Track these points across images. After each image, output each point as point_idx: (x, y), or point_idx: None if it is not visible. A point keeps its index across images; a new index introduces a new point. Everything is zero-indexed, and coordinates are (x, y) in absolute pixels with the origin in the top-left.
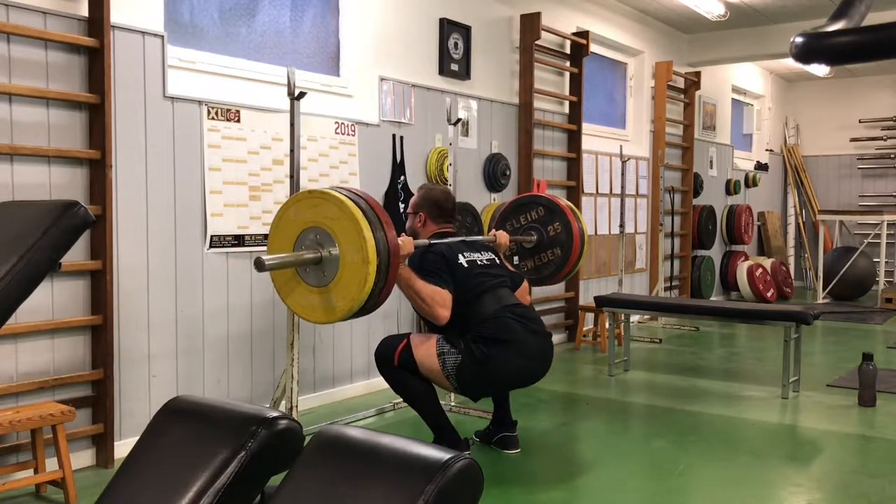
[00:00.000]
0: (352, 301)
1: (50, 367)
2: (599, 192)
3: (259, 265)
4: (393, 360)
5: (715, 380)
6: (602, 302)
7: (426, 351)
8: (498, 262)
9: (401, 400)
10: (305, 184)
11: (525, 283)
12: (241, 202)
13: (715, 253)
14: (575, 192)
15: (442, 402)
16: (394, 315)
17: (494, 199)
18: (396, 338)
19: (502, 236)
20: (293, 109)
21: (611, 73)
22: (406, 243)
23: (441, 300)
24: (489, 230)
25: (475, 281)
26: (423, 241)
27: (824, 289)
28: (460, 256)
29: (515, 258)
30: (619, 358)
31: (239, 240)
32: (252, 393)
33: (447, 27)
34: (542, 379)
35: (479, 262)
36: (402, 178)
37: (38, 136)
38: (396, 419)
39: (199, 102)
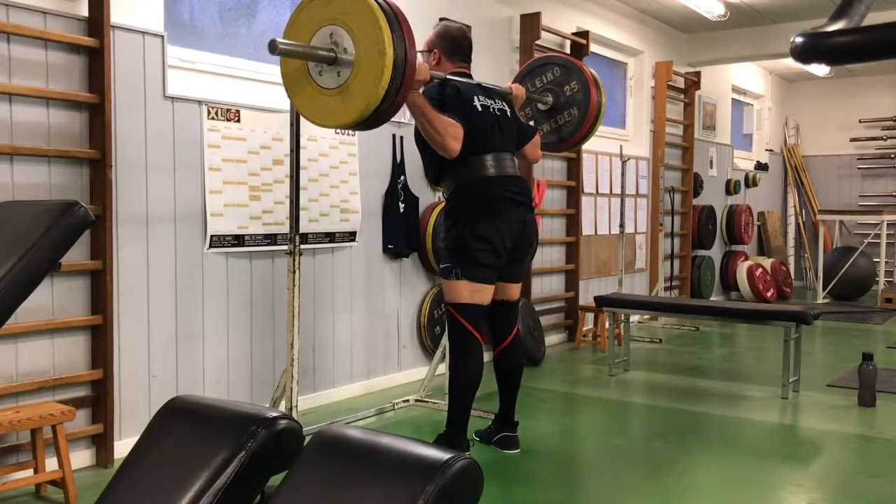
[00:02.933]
0: (369, 98)
1: (50, 367)
2: (599, 192)
3: (272, 47)
4: (462, 324)
5: (715, 380)
6: (602, 302)
7: (453, 290)
8: (510, 114)
9: (401, 400)
10: (305, 184)
11: (537, 137)
12: (241, 202)
13: (715, 253)
14: (575, 192)
15: (443, 402)
16: (394, 315)
17: None
18: (449, 317)
19: (518, 89)
20: (293, 109)
21: (611, 72)
22: (423, 69)
23: (454, 132)
24: None
25: (485, 131)
26: (440, 74)
27: (824, 289)
28: (475, 99)
29: (532, 123)
30: (619, 358)
31: (239, 240)
32: (252, 393)
33: None
34: (543, 380)
35: (492, 110)
36: (402, 178)
37: (38, 136)
38: (396, 419)
39: (199, 102)
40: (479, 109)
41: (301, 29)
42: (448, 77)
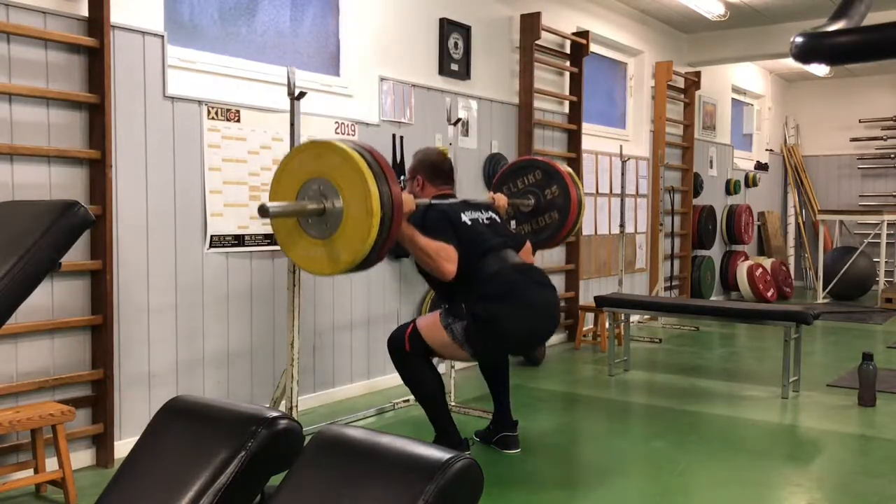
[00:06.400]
0: (354, 253)
1: (50, 367)
2: (599, 192)
3: (263, 211)
4: (404, 345)
5: (715, 380)
6: (602, 302)
7: (432, 327)
8: (499, 221)
9: (401, 400)
10: None
11: (528, 244)
12: (241, 202)
13: (715, 253)
14: None
15: None
16: (394, 315)
17: None
18: (404, 325)
19: (500, 199)
20: (293, 109)
21: (611, 73)
22: (408, 201)
23: (446, 255)
24: None
25: (479, 239)
26: (424, 200)
27: (824, 289)
28: (462, 215)
29: (513, 222)
30: (619, 358)
31: (239, 240)
32: (252, 393)
33: (447, 27)
34: (543, 380)
35: (481, 221)
36: (402, 177)
37: (38, 136)
38: (396, 419)
39: (199, 102)
40: (469, 223)
41: (291, 177)
42: (432, 203)
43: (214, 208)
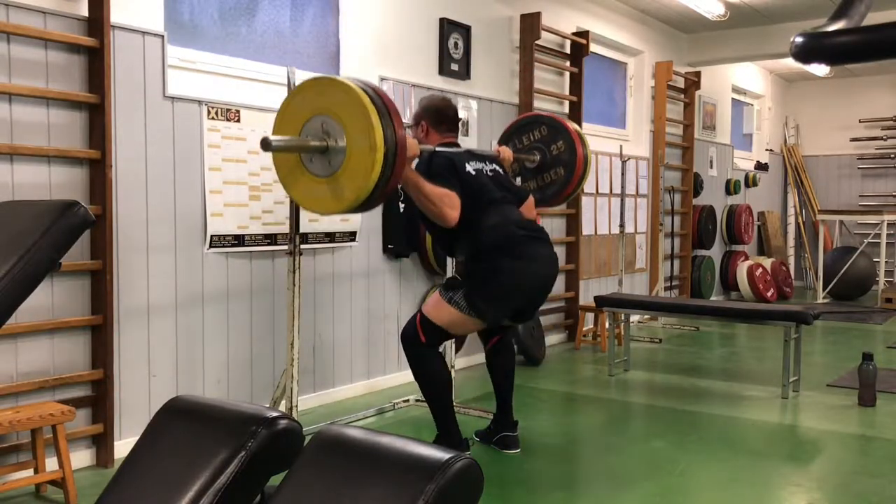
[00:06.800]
0: (358, 190)
1: (50, 367)
2: (599, 192)
3: (265, 144)
4: (418, 336)
5: (715, 380)
6: (602, 302)
7: (437, 307)
8: (503, 173)
9: (401, 400)
10: None
11: (531, 199)
12: (241, 202)
13: (715, 253)
14: None
15: None
16: (394, 315)
17: None
18: (412, 318)
19: (506, 151)
20: None
21: (611, 73)
22: (412, 145)
23: (450, 201)
24: None
25: (482, 190)
26: (429, 147)
27: (824, 289)
28: (467, 165)
29: (518, 179)
30: (619, 358)
31: (239, 240)
32: (252, 393)
33: (447, 27)
34: (543, 380)
35: (485, 172)
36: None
37: (38, 136)
38: (396, 419)
39: (199, 102)
40: (473, 173)
41: (294, 115)
42: (437, 150)
43: (214, 208)
